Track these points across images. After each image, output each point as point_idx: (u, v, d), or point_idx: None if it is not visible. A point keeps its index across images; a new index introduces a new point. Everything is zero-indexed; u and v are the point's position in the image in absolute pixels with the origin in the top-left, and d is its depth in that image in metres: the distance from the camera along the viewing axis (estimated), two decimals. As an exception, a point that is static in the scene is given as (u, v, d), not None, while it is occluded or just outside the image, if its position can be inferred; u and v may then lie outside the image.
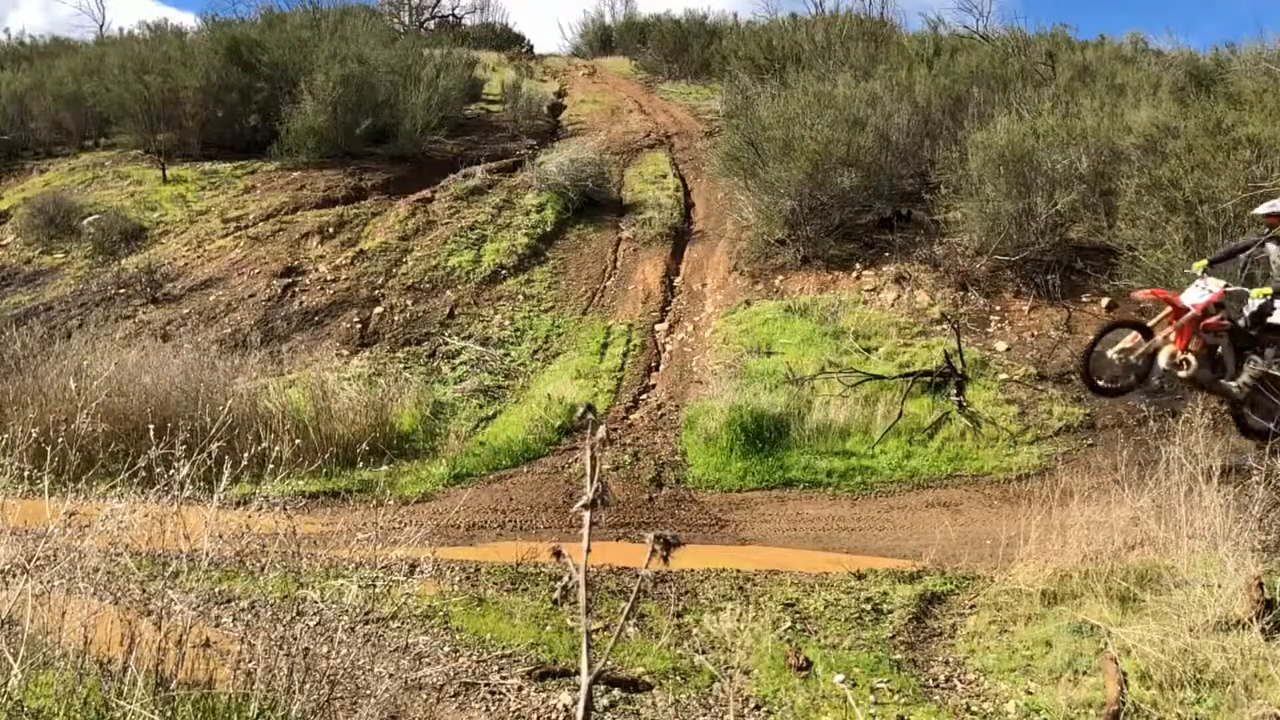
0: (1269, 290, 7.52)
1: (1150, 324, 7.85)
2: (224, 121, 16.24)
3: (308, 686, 3.11)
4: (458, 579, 5.74)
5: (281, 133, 15.27)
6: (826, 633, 5.34)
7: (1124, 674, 4.43)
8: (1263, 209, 7.80)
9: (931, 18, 40.80)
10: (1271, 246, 7.58)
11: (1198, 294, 7.60)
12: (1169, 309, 7.64)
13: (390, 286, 11.99)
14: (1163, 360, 7.71)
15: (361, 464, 7.99)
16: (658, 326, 11.39)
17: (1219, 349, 7.70)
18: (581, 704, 1.78)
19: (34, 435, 4.17)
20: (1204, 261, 7.69)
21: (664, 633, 5.13)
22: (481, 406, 9.67)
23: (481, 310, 11.66)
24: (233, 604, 4.99)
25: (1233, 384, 7.69)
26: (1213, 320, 7.59)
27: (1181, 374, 7.69)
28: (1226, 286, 7.56)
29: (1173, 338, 7.67)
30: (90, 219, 13.94)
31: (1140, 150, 10.65)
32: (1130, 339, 7.80)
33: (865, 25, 19.53)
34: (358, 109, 15.47)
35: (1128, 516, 5.56)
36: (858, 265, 11.57)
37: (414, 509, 7.36)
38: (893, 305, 10.74)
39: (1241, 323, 7.69)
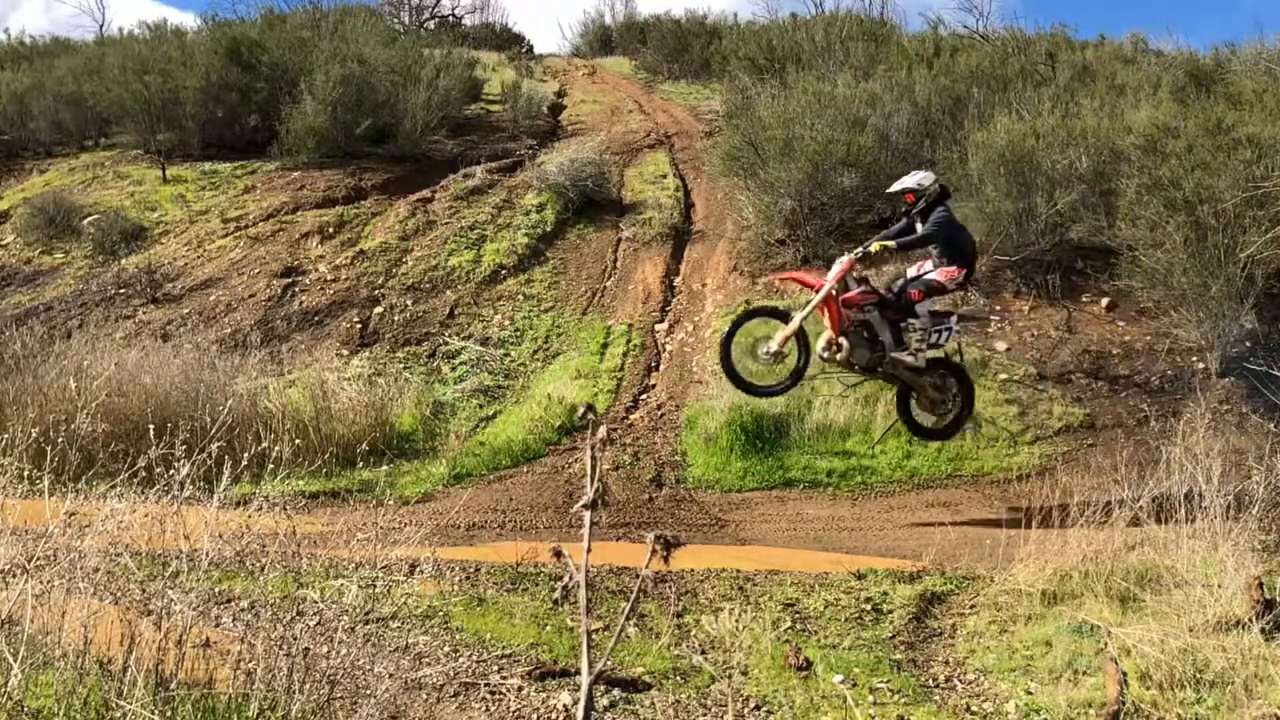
0: (890, 243, 7.39)
1: (792, 311, 7.56)
2: (224, 121, 16.22)
3: (308, 686, 3.11)
4: (458, 579, 5.74)
5: (281, 133, 15.26)
6: (826, 633, 5.34)
7: (1124, 674, 4.43)
8: (895, 186, 7.75)
9: (931, 18, 40.84)
10: (918, 224, 7.55)
11: (831, 271, 7.42)
12: (815, 294, 7.34)
13: (390, 286, 11.99)
14: (819, 347, 7.44)
15: (361, 464, 8.00)
16: (658, 326, 11.39)
17: (873, 325, 7.42)
18: (582, 704, 1.78)
19: (34, 435, 4.17)
20: (859, 250, 7.55)
21: (664, 633, 5.13)
22: (481, 406, 9.67)
23: (481, 310, 11.66)
24: (233, 604, 4.99)
25: (905, 354, 7.38)
26: (853, 294, 7.35)
27: (839, 358, 7.40)
28: (855, 255, 7.36)
29: (826, 323, 7.42)
30: (90, 219, 13.94)
31: (1140, 150, 10.64)
32: (780, 333, 7.39)
33: (865, 25, 19.53)
34: (358, 109, 15.45)
35: (1128, 516, 5.57)
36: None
37: (414, 509, 7.36)
38: (893, 305, 10.74)
39: (892, 294, 7.49)
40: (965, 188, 11.26)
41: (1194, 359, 9.34)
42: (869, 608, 5.65)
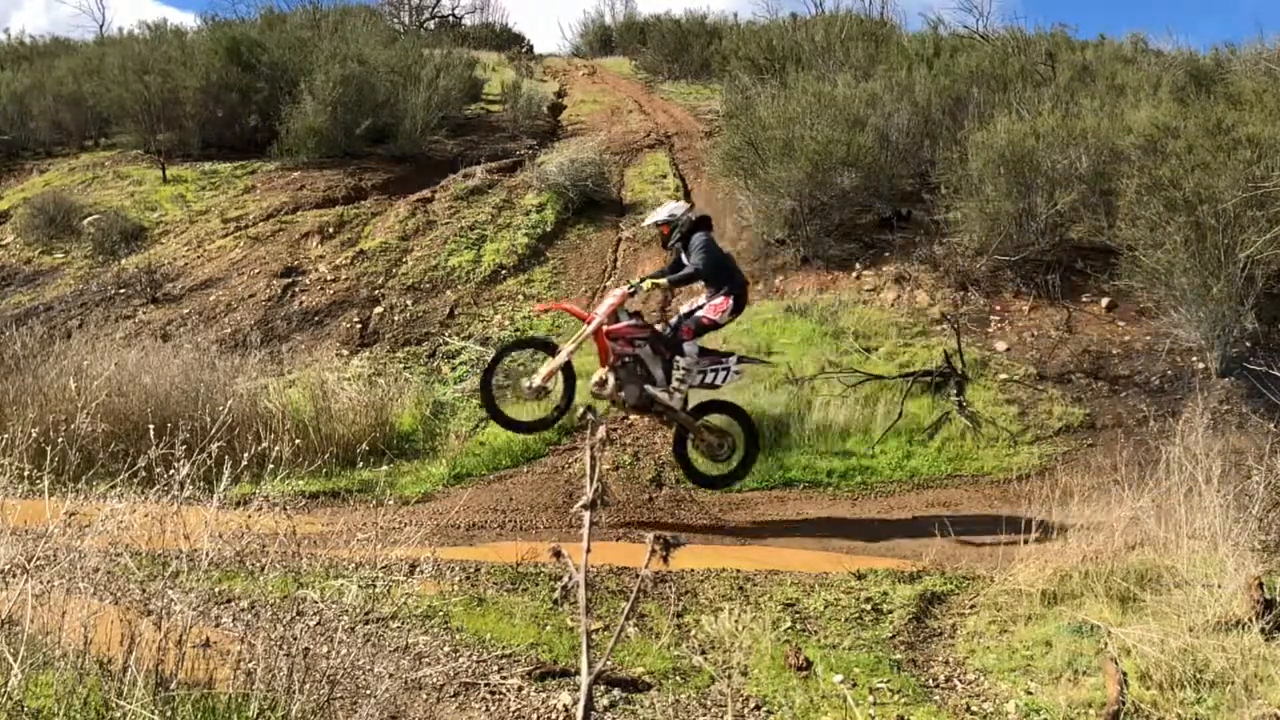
0: (661, 281, 7.27)
1: (558, 342, 7.36)
2: (224, 121, 16.22)
3: (308, 686, 3.11)
4: (458, 579, 5.74)
5: (281, 133, 15.26)
6: (826, 633, 5.34)
7: (1124, 674, 4.43)
8: (646, 221, 7.68)
9: (931, 18, 40.85)
10: (684, 257, 7.39)
11: (602, 304, 7.21)
12: (586, 326, 7.13)
13: (390, 286, 11.99)
14: (591, 383, 7.19)
15: (361, 464, 7.99)
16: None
17: (644, 361, 7.19)
18: (581, 704, 1.79)
19: (34, 435, 4.17)
20: (631, 284, 7.39)
21: (664, 633, 5.13)
22: (481, 406, 9.66)
23: (481, 310, 11.66)
24: (233, 604, 4.99)
25: (660, 392, 7.12)
26: (619, 327, 7.13)
27: (606, 394, 7.12)
28: (626, 290, 7.21)
29: (598, 358, 7.21)
30: (90, 219, 13.94)
31: (1140, 150, 10.65)
32: (546, 367, 7.15)
33: (865, 25, 19.54)
34: (358, 109, 15.46)
35: (1128, 516, 5.57)
36: (858, 265, 11.57)
37: (414, 509, 7.36)
38: (893, 305, 10.74)
39: (669, 328, 7.31)
40: (965, 188, 11.27)
41: (1194, 359, 9.34)
42: (869, 608, 5.65)
